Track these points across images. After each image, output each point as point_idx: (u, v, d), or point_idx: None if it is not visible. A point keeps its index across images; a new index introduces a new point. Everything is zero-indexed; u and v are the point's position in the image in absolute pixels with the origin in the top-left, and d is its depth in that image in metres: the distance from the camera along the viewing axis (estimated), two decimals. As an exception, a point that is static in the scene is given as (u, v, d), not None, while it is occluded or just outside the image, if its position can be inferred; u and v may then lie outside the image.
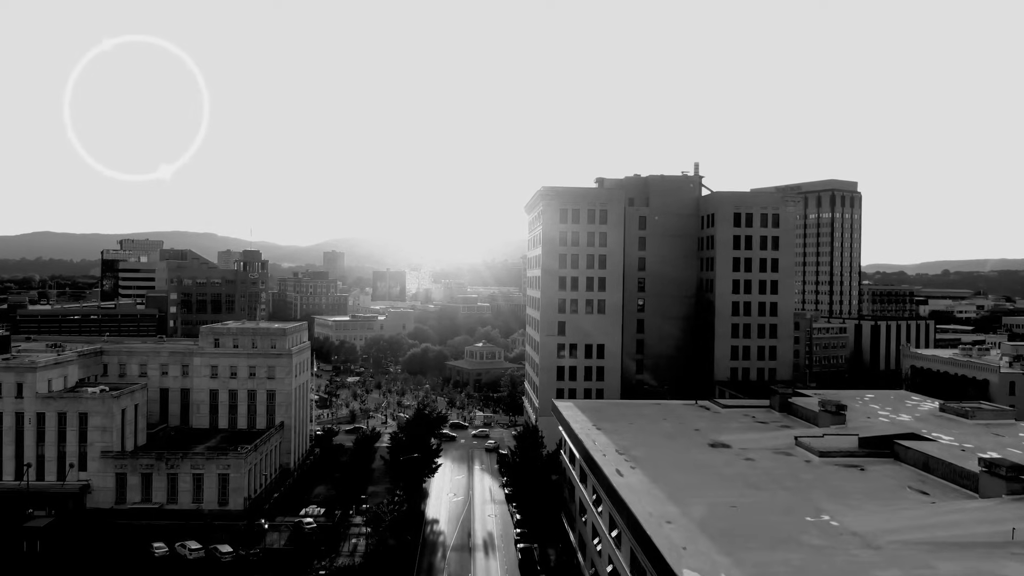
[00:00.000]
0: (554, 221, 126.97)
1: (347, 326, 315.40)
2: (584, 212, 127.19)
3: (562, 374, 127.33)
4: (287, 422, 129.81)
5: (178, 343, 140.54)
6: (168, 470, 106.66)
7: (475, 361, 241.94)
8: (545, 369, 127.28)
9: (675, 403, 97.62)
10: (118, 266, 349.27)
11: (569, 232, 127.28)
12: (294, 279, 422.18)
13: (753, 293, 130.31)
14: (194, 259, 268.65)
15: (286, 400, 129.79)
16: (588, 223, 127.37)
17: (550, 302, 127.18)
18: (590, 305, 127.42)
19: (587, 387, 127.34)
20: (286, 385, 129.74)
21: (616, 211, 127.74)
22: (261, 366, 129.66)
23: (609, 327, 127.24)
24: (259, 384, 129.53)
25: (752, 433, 77.10)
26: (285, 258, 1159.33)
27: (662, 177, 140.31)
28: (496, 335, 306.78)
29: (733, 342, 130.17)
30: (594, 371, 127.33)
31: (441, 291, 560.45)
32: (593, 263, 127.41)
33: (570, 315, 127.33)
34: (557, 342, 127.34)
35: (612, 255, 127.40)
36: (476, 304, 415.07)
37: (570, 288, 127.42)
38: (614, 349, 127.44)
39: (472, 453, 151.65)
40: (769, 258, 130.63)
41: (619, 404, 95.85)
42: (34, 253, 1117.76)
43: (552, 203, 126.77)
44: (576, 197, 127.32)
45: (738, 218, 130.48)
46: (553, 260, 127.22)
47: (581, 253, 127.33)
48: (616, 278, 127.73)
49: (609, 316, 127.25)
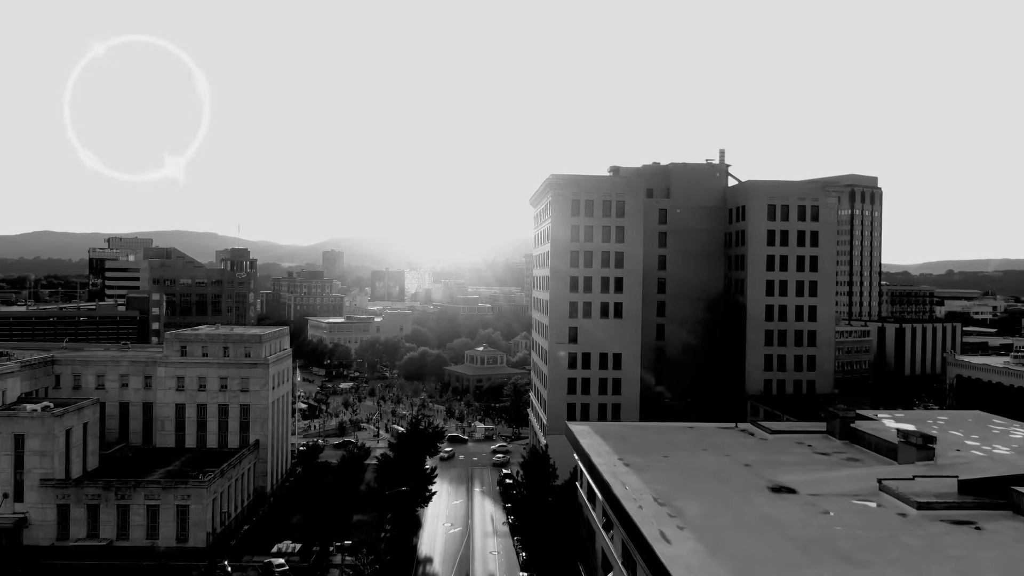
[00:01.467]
0: (564, 214, 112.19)
1: (342, 328, 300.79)
2: (598, 204, 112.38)
3: (573, 387, 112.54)
4: (263, 440, 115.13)
5: (141, 351, 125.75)
6: (118, 501, 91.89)
7: (475, 367, 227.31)
8: (554, 381, 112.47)
9: (710, 426, 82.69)
10: (105, 265, 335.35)
11: (582, 226, 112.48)
12: (288, 279, 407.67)
13: (789, 295, 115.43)
14: (179, 257, 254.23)
15: (262, 415, 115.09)
16: (603, 216, 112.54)
17: (560, 306, 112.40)
18: (605, 309, 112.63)
19: (602, 402, 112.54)
20: (262, 398, 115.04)
21: (635, 202, 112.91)
22: (234, 377, 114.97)
23: (627, 334, 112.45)
24: (231, 397, 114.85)
25: (818, 471, 62.16)
26: (285, 258, 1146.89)
27: (685, 165, 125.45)
28: (498, 338, 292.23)
29: (766, 351, 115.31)
30: (610, 384, 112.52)
31: (441, 291, 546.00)
32: (609, 261, 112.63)
33: (582, 320, 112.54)
34: (568, 351, 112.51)
35: (630, 252, 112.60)
36: (477, 305, 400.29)
37: (583, 290, 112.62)
38: (632, 359, 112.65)
39: (472, 472, 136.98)
40: (808, 256, 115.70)
41: (645, 428, 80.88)
42: (33, 252, 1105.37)
43: (562, 194, 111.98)
44: (589, 187, 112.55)
45: (773, 211, 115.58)
46: (563, 258, 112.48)
47: (595, 250, 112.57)
48: (635, 278, 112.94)
49: (627, 322, 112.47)
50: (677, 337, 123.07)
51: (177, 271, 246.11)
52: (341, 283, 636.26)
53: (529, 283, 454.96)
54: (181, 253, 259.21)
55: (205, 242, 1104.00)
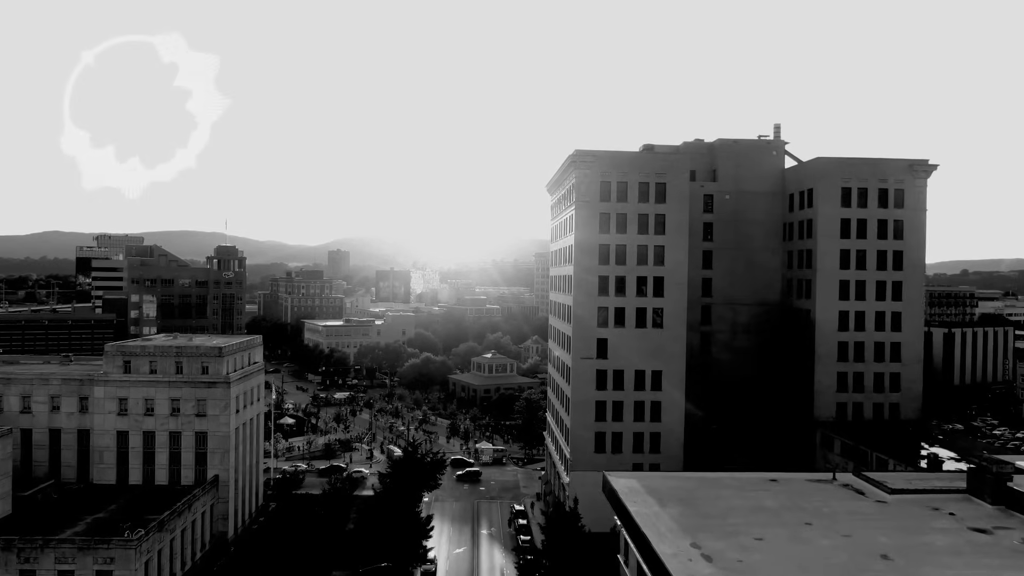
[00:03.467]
0: (591, 199, 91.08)
1: (339, 332, 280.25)
2: (634, 186, 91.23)
3: (603, 412, 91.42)
4: (224, 475, 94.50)
5: (76, 366, 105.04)
6: (21, 565, 71.34)
7: (483, 375, 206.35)
8: (579, 405, 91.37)
9: (798, 478, 61.45)
10: (92, 265, 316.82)
11: (613, 215, 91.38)
12: (286, 279, 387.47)
13: (868, 300, 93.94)
14: (161, 256, 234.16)
15: (222, 445, 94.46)
16: (640, 201, 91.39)
17: (585, 312, 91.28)
18: (642, 317, 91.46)
19: (637, 430, 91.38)
20: (222, 425, 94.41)
21: (679, 184, 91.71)
22: (187, 399, 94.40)
23: (668, 347, 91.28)
24: (185, 423, 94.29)
25: (988, 568, 40.89)
26: (293, 257, 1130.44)
27: (735, 143, 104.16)
28: (507, 343, 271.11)
29: (840, 367, 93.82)
30: (647, 408, 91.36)
31: (448, 292, 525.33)
32: (646, 258, 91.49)
33: (614, 330, 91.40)
34: (596, 368, 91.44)
35: (673, 247, 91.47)
36: (485, 306, 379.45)
37: (614, 292, 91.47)
38: (675, 378, 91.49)
39: (478, 507, 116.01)
40: (891, 251, 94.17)
41: (713, 483, 59.65)
42: (41, 252, 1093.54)
43: (589, 173, 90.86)
44: (622, 164, 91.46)
45: (847, 195, 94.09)
46: (590, 254, 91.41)
47: (629, 244, 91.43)
48: (678, 279, 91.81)
49: (669, 332, 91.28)
50: (726, 350, 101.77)
51: (159, 270, 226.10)
52: (346, 283, 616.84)
53: (540, 284, 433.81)
54: (164, 251, 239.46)
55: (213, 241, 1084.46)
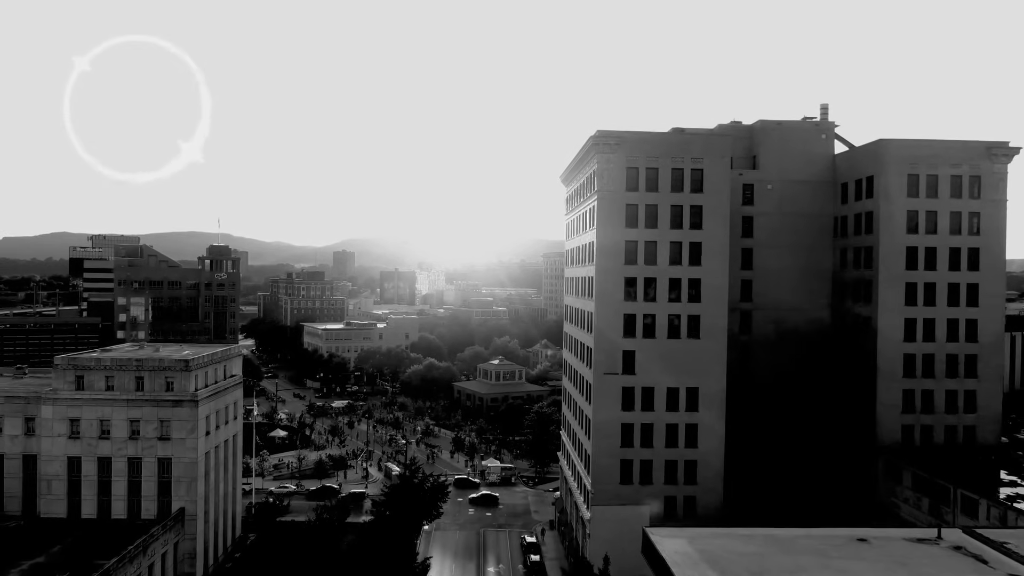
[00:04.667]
0: (616, 188, 78.07)
1: (339, 335, 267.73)
2: (666, 173, 78.20)
3: (629, 436, 78.39)
4: (191, 507, 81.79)
5: (27, 380, 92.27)
6: (-72, 631, 59.01)
7: (489, 383, 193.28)
8: (602, 428, 78.32)
9: (895, 536, 48.33)
10: (84, 266, 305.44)
11: (641, 206, 78.35)
12: (286, 280, 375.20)
13: (939, 305, 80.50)
14: (151, 256, 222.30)
15: (189, 473, 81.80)
16: (673, 191, 78.34)
17: (610, 321, 78.25)
18: (675, 325, 78.39)
19: (670, 457, 78.35)
20: (189, 450, 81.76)
21: (719, 170, 78.65)
22: (149, 420, 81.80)
23: (707, 361, 78.23)
24: (145, 448, 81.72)
25: None
26: (299, 258, 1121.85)
27: (778, 124, 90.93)
28: (515, 347, 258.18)
29: (906, 384, 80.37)
30: (681, 432, 78.29)
31: (454, 293, 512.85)
32: (680, 257, 78.44)
33: (642, 341, 78.34)
34: (621, 385, 78.36)
35: (712, 244, 78.43)
36: (492, 308, 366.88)
37: (642, 297, 78.40)
38: (714, 397, 78.41)
39: (484, 537, 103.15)
40: (965, 248, 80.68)
41: (787, 544, 46.50)
42: (47, 253, 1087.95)
43: (613, 159, 77.84)
44: (653, 147, 78.42)
45: (914, 183, 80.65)
46: (614, 253, 78.42)
47: (661, 241, 78.41)
48: (718, 281, 78.78)
49: (707, 343, 78.19)
50: (768, 364, 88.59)
51: (147, 272, 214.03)
52: (351, 284, 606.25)
53: (549, 286, 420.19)
54: (154, 251, 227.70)
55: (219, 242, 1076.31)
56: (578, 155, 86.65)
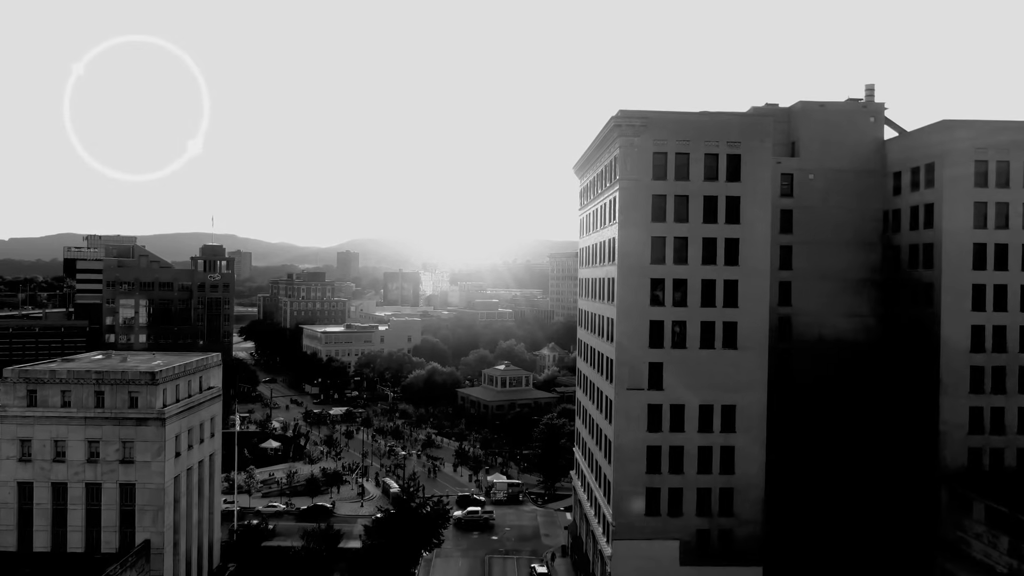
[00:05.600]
0: (642, 176, 68.14)
1: (339, 338, 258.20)
2: (699, 158, 68.28)
3: (657, 461, 68.39)
4: (157, 540, 72.11)
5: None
6: None
7: (495, 390, 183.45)
8: (625, 452, 68.35)
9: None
10: (76, 266, 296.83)
11: (670, 197, 68.43)
12: (287, 281, 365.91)
13: (1011, 311, 70.33)
14: (142, 256, 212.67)
15: (155, 501, 72.12)
16: (706, 179, 68.42)
17: (634, 328, 68.29)
18: (709, 334, 68.43)
19: (703, 484, 68.37)
20: (155, 474, 72.10)
21: (759, 155, 68.71)
22: (110, 440, 72.18)
23: (745, 374, 68.24)
24: (106, 472, 72.11)
25: None
26: (304, 259, 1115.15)
27: (821, 106, 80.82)
28: (521, 351, 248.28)
29: (973, 400, 70.21)
30: (716, 456, 68.30)
31: (458, 294, 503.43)
32: (715, 254, 68.50)
33: (671, 352, 68.37)
34: (647, 402, 68.37)
35: (752, 240, 68.51)
36: (497, 310, 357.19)
37: (671, 301, 68.44)
38: (754, 415, 68.44)
39: (490, 566, 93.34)
40: (1041, 245, 70.60)
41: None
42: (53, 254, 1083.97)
43: (638, 142, 67.90)
44: (684, 129, 68.47)
45: (983, 171, 70.48)
46: (639, 250, 68.49)
47: (693, 236, 68.47)
48: (758, 283, 68.82)
49: (746, 353, 68.19)
50: (810, 376, 78.43)
51: (137, 272, 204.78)
52: (355, 285, 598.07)
53: (556, 287, 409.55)
54: (145, 251, 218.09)
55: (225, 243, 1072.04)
56: (596, 140, 76.70)
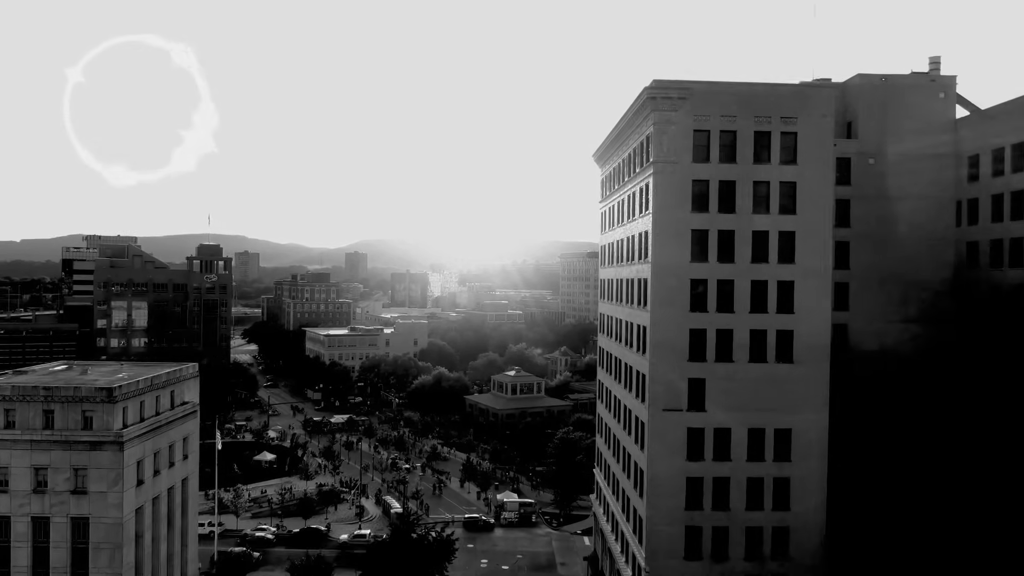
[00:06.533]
0: (680, 157, 57.68)
1: (342, 342, 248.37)
2: (747, 137, 57.84)
3: (698, 496, 57.84)
4: (116, 583, 62.06)
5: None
6: None
7: (505, 397, 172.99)
8: (659, 484, 57.83)
9: None
10: (73, 267, 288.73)
11: (714, 182, 57.99)
12: (291, 282, 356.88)
13: (1120, 316, 59.61)
14: (136, 257, 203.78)
15: (112, 538, 62.06)
16: (756, 161, 57.99)
17: (671, 337, 57.76)
18: (760, 344, 57.91)
19: (753, 522, 57.76)
20: (111, 507, 62.03)
21: (818, 133, 58.25)
22: (59, 468, 62.20)
23: (803, 391, 57.72)
24: (55, 505, 62.12)
25: None
26: (313, 260, 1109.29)
27: (883, 80, 70.09)
28: (532, 355, 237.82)
29: (1074, 423, 59.45)
30: (769, 489, 57.75)
31: (467, 295, 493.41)
32: (766, 250, 58.01)
33: (715, 366, 57.86)
34: (687, 425, 57.83)
35: (810, 233, 58.07)
36: (507, 312, 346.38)
37: (716, 307, 57.94)
38: (814, 440, 57.91)
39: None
40: None
41: None
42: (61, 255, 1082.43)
43: (676, 118, 57.43)
44: (731, 101, 58.03)
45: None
46: (677, 245, 58.00)
47: (741, 229, 57.98)
48: (819, 284, 58.37)
49: (805, 367, 57.67)
50: (872, 391, 67.49)
51: (130, 273, 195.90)
52: (363, 287, 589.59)
53: (566, 288, 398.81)
54: (139, 251, 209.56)
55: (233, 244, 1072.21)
56: (624, 118, 66.18)
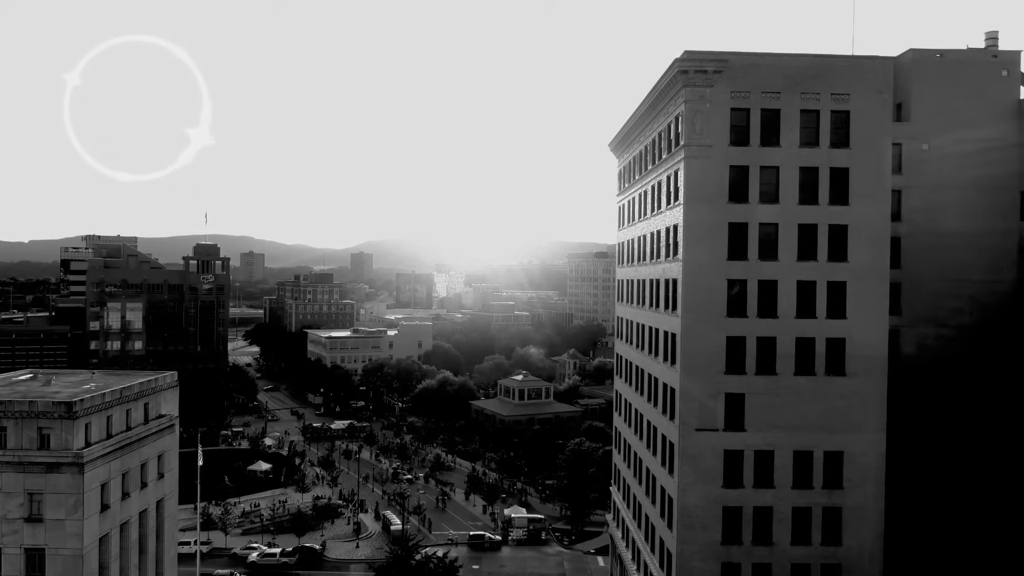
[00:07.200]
0: (717, 138, 50.28)
1: (345, 344, 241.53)
2: (793, 116, 50.44)
3: (736, 528, 50.40)
4: (76, 622, 54.94)
5: None
6: None
7: (512, 403, 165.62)
8: (691, 514, 50.41)
9: None
10: (70, 267, 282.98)
11: (755, 168, 50.61)
12: (293, 283, 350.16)
13: None
14: (131, 256, 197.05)
15: (72, 570, 55.02)
16: (803, 145, 50.58)
17: (705, 346, 50.38)
18: (807, 354, 50.48)
19: (799, 558, 50.35)
20: (70, 536, 54.98)
21: (875, 113, 50.91)
22: (12, 492, 55.22)
23: (858, 406, 50.38)
24: (8, 534, 55.11)
25: None
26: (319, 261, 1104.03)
27: (939, 56, 62.52)
28: (539, 357, 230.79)
29: None
30: (818, 520, 50.31)
31: (472, 296, 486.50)
32: (815, 247, 50.58)
33: (756, 379, 50.45)
34: (724, 447, 50.40)
35: (865, 228, 50.62)
36: (513, 313, 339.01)
37: (755, 311, 50.52)
38: (870, 462, 50.57)
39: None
40: None
41: None
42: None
43: (711, 94, 50.07)
44: (774, 75, 50.61)
45: None
46: (711, 243, 50.67)
47: (786, 222, 50.55)
48: (875, 284, 50.88)
49: (859, 380, 50.29)
50: (930, 404, 59.95)
51: (125, 273, 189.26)
52: (368, 287, 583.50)
53: (574, 288, 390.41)
54: (133, 250, 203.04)
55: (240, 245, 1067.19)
56: (649, 98, 58.73)
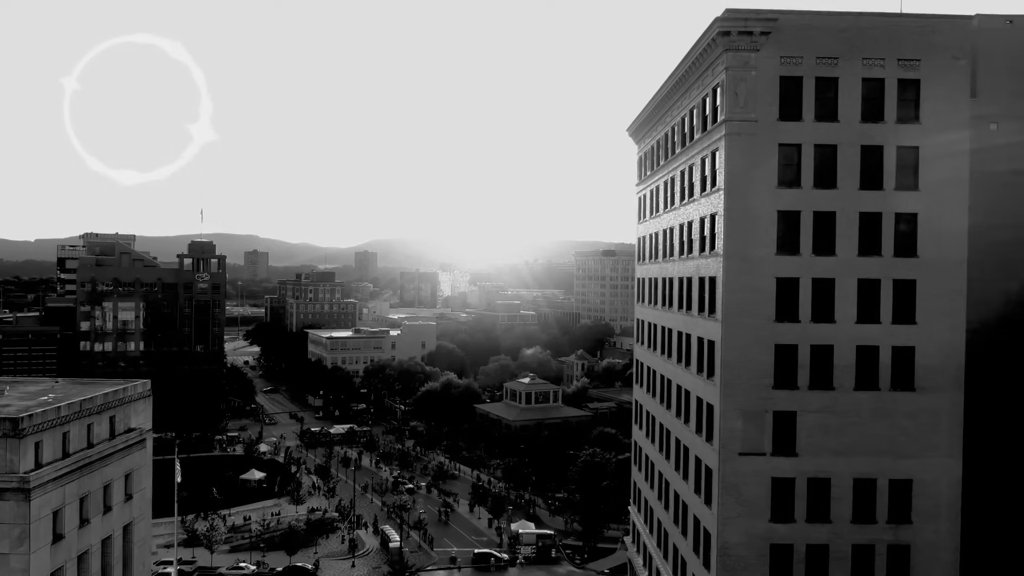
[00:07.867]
0: (763, 112, 42.82)
1: (345, 345, 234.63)
2: (853, 85, 43.02)
3: (787, 570, 42.91)
4: (23, 670, 47.75)
5: None
6: None
7: (519, 407, 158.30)
8: (734, 553, 43.07)
9: None
10: (66, 266, 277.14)
11: (808, 147, 43.21)
12: (294, 282, 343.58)
13: None
14: (124, 255, 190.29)
15: (18, 613, 47.81)
16: (865, 120, 43.22)
17: (749, 356, 42.99)
18: (870, 365, 43.08)
19: (858, 605, 42.73)
20: (16, 572, 47.81)
21: (949, 83, 43.47)
22: (-52, 523, 48.02)
23: (929, 427, 42.96)
24: (-56, 571, 47.95)
25: None
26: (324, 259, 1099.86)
27: (1010, 24, 54.85)
28: (546, 359, 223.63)
29: None
30: (882, 560, 42.95)
31: (477, 295, 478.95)
32: (879, 239, 43.22)
33: (810, 394, 43.04)
34: (771, 475, 42.93)
35: (938, 213, 43.21)
36: (519, 312, 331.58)
37: (809, 314, 43.09)
38: (943, 492, 43.17)
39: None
40: None
41: None
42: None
43: (757, 59, 42.66)
44: (828, 40, 43.19)
45: None
46: (756, 236, 43.32)
47: (844, 212, 43.14)
48: (950, 283, 43.33)
49: (930, 396, 42.86)
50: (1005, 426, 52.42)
51: (118, 272, 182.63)
52: (372, 286, 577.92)
53: (581, 287, 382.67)
54: (126, 249, 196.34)
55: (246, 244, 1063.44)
56: (678, 70, 51.26)
